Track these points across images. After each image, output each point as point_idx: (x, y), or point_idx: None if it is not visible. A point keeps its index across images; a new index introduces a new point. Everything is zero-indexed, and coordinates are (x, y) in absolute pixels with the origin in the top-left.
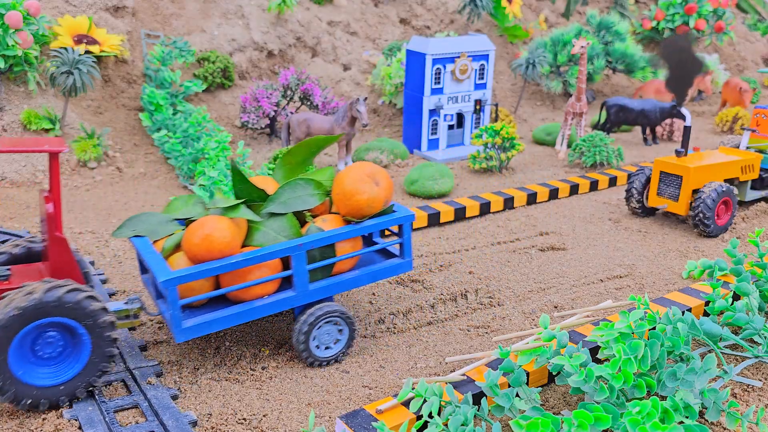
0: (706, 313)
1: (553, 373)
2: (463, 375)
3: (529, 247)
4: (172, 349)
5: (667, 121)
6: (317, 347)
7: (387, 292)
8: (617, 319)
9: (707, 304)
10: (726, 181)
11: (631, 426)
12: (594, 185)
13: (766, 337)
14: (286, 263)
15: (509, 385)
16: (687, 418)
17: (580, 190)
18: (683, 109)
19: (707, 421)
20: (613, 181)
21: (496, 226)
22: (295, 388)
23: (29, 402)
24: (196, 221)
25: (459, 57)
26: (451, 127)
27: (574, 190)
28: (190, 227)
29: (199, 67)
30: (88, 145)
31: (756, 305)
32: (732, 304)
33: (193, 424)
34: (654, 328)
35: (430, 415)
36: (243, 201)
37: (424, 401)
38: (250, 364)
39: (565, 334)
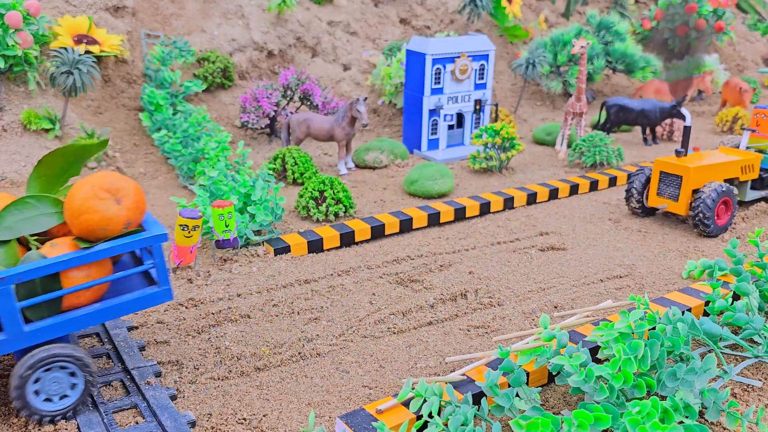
0: (706, 313)
1: (553, 373)
2: (463, 375)
3: (529, 247)
4: (171, 350)
5: (667, 121)
6: (39, 397)
7: (387, 292)
8: (617, 319)
9: (707, 304)
10: (726, 181)
11: (631, 426)
12: (594, 185)
13: (766, 337)
14: None
15: (509, 385)
16: (687, 418)
17: (580, 190)
18: (683, 109)
19: (707, 421)
20: (613, 181)
21: (496, 226)
22: (295, 388)
23: None
24: None
25: (459, 57)
26: (451, 127)
27: (574, 190)
28: None
29: (199, 67)
30: None
31: (756, 305)
32: (732, 304)
33: (192, 424)
34: (654, 328)
35: (430, 415)
36: None
37: (424, 401)
38: (249, 364)
39: (565, 334)
